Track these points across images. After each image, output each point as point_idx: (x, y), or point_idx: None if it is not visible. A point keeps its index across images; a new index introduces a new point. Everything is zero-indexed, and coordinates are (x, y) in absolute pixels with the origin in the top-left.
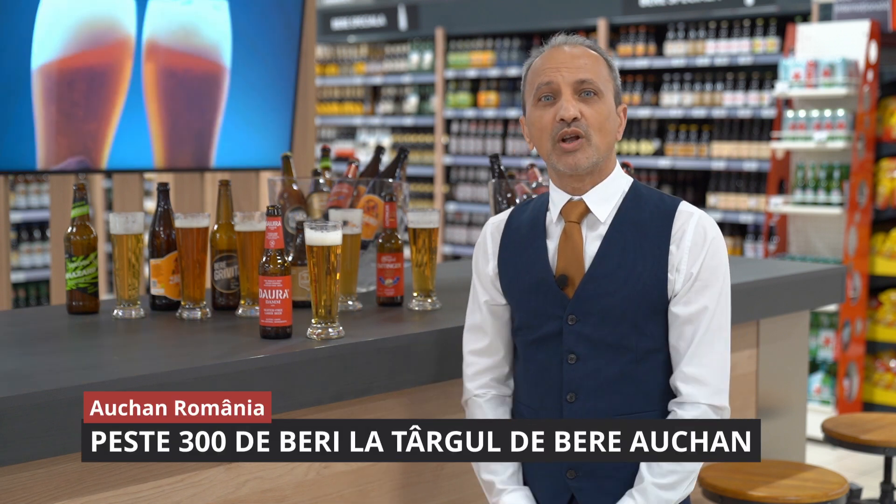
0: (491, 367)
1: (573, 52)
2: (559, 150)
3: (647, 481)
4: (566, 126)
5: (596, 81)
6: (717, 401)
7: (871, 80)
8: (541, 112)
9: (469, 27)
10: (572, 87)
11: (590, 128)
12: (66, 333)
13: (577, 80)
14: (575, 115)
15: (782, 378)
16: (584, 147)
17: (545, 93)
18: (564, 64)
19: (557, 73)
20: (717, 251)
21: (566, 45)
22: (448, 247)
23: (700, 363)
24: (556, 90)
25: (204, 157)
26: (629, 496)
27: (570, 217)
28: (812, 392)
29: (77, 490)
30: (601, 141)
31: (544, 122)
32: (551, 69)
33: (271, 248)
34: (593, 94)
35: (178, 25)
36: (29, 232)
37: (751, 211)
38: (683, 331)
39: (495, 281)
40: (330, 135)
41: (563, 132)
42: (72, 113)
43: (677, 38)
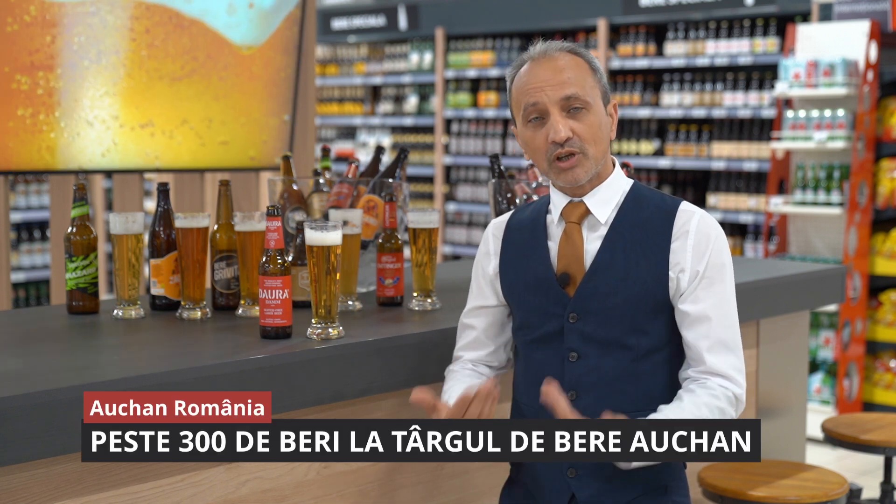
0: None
1: (556, 65)
2: (556, 168)
3: (661, 415)
4: (559, 147)
5: (582, 95)
6: (742, 396)
7: (871, 80)
8: (532, 133)
9: (469, 27)
10: (559, 104)
11: (584, 143)
12: (66, 333)
13: (563, 97)
14: (567, 135)
15: (782, 378)
16: (581, 162)
17: (533, 114)
18: (548, 82)
19: (542, 94)
20: (721, 249)
21: (546, 57)
22: (448, 247)
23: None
24: (544, 111)
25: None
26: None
27: (570, 218)
28: (812, 392)
29: (77, 490)
30: (596, 151)
31: (537, 143)
32: (535, 89)
33: (271, 248)
34: (581, 108)
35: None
36: (29, 232)
37: (751, 211)
38: (698, 328)
39: (494, 281)
40: (330, 135)
41: (558, 153)
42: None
43: (677, 38)
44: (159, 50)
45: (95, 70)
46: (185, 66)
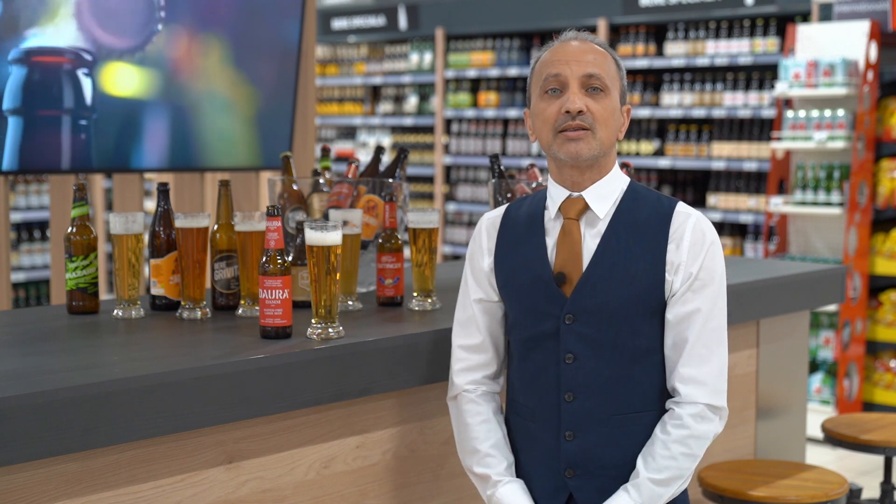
0: (482, 364)
1: (583, 48)
2: (561, 138)
3: (643, 476)
4: (570, 119)
5: (604, 77)
6: (715, 401)
7: (871, 80)
8: (546, 104)
9: (469, 27)
10: (580, 80)
11: (595, 121)
12: (66, 333)
13: (585, 74)
14: (581, 107)
15: (782, 378)
16: (588, 138)
17: (552, 85)
18: (574, 57)
19: (566, 66)
20: (715, 253)
21: (576, 40)
22: (448, 247)
23: (699, 363)
24: (564, 83)
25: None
26: (623, 490)
27: (568, 213)
28: (812, 392)
29: (77, 490)
30: (605, 135)
31: (549, 113)
32: (560, 61)
33: (271, 248)
34: (600, 90)
35: None
36: (29, 232)
37: (751, 211)
38: (680, 330)
39: (490, 277)
40: (330, 135)
41: (567, 125)
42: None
43: (677, 38)
44: None
45: None
46: None
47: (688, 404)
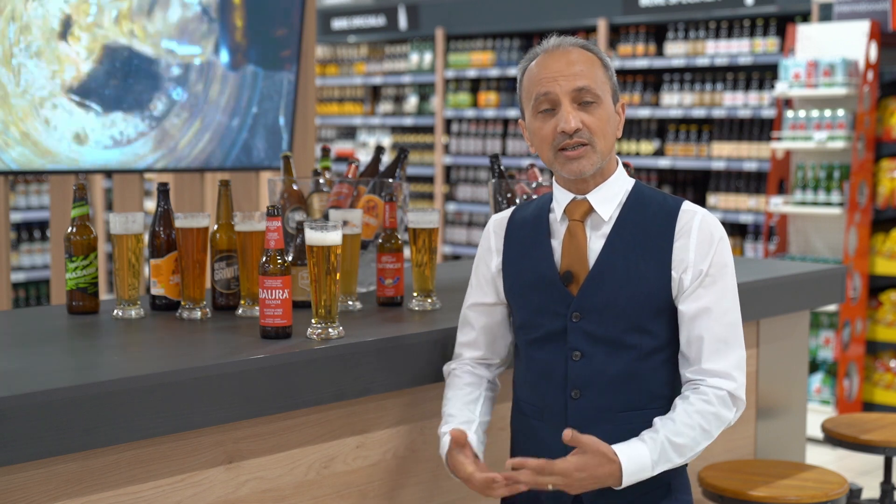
0: (477, 358)
1: (569, 58)
2: (562, 157)
3: (661, 434)
4: (568, 138)
5: (594, 88)
6: (738, 392)
7: (871, 80)
8: (541, 123)
9: (469, 27)
10: (571, 96)
11: (593, 135)
12: (66, 333)
13: (574, 88)
14: (577, 126)
15: (782, 378)
16: (589, 154)
17: (544, 105)
18: (561, 72)
19: (555, 84)
20: (724, 249)
21: (560, 50)
22: (448, 247)
23: (718, 358)
24: (555, 101)
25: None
26: (640, 441)
27: (573, 216)
28: (812, 392)
29: (77, 490)
30: (604, 145)
31: (545, 132)
32: (547, 79)
33: (271, 248)
34: (592, 102)
35: None
36: (29, 232)
37: (751, 211)
38: (695, 327)
39: (497, 278)
40: (330, 135)
41: (566, 143)
42: None
43: (677, 38)
44: None
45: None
46: None
47: (713, 388)
